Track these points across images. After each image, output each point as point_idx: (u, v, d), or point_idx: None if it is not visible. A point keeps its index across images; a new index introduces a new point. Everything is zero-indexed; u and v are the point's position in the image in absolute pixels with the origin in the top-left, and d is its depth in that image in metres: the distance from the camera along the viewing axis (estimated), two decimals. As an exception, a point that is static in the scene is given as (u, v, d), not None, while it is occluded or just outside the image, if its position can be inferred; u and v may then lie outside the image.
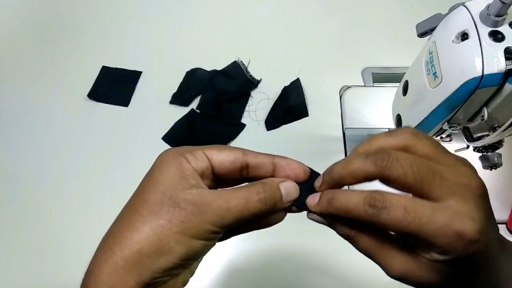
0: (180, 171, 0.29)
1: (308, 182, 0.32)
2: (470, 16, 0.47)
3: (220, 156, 0.31)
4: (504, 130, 0.49)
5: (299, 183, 0.32)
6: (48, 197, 0.72)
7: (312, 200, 0.31)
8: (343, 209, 0.29)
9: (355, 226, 0.31)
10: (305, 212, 0.33)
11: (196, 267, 0.33)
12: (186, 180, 0.29)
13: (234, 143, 0.75)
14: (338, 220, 0.31)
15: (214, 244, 0.31)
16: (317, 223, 0.33)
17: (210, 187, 0.31)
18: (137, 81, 0.83)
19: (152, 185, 0.30)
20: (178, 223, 0.28)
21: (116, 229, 0.29)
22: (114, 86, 0.83)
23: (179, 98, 0.80)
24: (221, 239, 0.32)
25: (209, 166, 0.31)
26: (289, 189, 0.31)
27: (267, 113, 0.78)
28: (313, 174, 0.32)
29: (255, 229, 0.33)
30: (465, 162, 0.29)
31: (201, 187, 0.30)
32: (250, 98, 0.80)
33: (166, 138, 0.76)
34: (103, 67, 0.85)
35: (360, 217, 0.28)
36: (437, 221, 0.26)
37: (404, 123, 0.65)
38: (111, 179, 0.73)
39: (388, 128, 0.73)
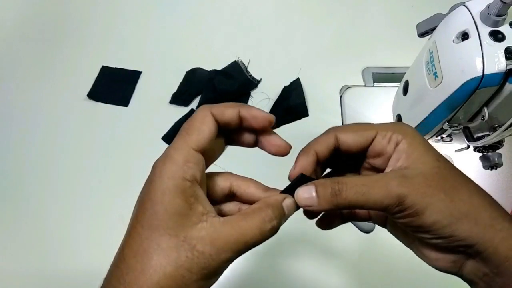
0: (183, 194, 0.28)
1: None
2: (471, 16, 0.47)
3: (202, 139, 0.30)
4: (505, 130, 0.49)
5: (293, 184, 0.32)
6: (48, 197, 0.72)
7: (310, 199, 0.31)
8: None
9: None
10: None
11: None
12: (191, 206, 0.28)
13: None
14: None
15: None
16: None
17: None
18: (137, 81, 0.83)
19: (160, 224, 0.28)
20: (199, 270, 0.27)
21: (132, 277, 0.27)
22: (114, 86, 0.83)
23: (179, 98, 0.80)
24: None
25: (203, 163, 0.31)
26: (290, 207, 0.32)
27: (267, 113, 0.78)
28: (306, 178, 0.32)
29: None
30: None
31: (208, 211, 0.29)
32: (250, 98, 0.80)
33: (166, 138, 0.76)
34: (103, 67, 0.85)
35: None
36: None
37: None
38: (111, 179, 0.73)
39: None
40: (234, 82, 0.81)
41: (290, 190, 0.32)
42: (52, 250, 0.67)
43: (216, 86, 0.80)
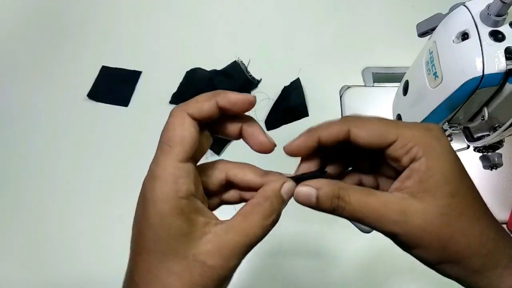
0: (182, 213, 0.27)
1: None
2: (471, 16, 0.47)
3: (187, 147, 0.29)
4: (505, 130, 0.49)
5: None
6: (48, 197, 0.72)
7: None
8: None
9: None
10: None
11: None
12: (193, 222, 0.28)
13: (234, 142, 0.75)
14: None
15: None
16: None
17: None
18: (137, 81, 0.83)
19: (167, 249, 0.27)
20: (213, 283, 0.27)
21: None
22: (114, 86, 0.83)
23: (179, 98, 0.80)
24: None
25: (194, 170, 0.29)
26: (290, 192, 0.31)
27: (267, 113, 0.78)
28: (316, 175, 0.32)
29: None
30: None
31: (209, 221, 0.29)
32: (250, 98, 0.80)
33: (166, 138, 0.76)
34: (103, 67, 0.85)
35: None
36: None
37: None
38: (111, 179, 0.73)
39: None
40: (234, 82, 0.81)
41: (294, 179, 0.32)
42: (52, 250, 0.67)
43: (216, 86, 0.80)
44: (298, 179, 0.31)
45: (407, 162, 0.29)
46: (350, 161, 0.35)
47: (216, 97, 0.29)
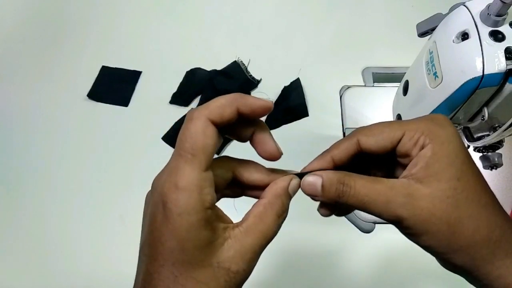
0: (208, 224, 0.27)
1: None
2: (471, 16, 0.47)
3: (210, 153, 0.28)
4: (505, 130, 0.49)
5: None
6: (48, 197, 0.72)
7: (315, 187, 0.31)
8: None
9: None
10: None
11: None
12: (215, 230, 0.28)
13: (234, 143, 0.75)
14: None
15: None
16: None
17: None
18: (137, 81, 0.83)
19: (192, 259, 0.27)
20: (236, 287, 0.28)
21: None
22: (114, 86, 0.83)
23: (179, 98, 0.80)
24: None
25: (212, 176, 0.29)
26: (296, 188, 0.32)
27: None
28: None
29: None
30: None
31: (227, 225, 0.29)
32: (250, 98, 0.80)
33: (166, 138, 0.76)
34: (103, 67, 0.85)
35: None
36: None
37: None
38: (111, 179, 0.73)
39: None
40: (234, 82, 0.81)
41: (299, 176, 0.32)
42: (52, 250, 0.68)
43: (216, 86, 0.80)
44: (303, 176, 0.32)
45: (416, 153, 0.29)
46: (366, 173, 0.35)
47: (237, 102, 0.28)
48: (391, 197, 0.28)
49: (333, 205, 0.33)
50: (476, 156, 0.61)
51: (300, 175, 0.32)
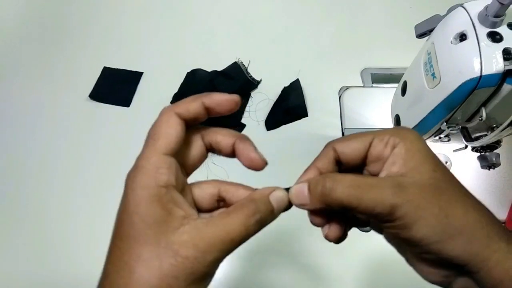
0: (159, 201, 0.27)
1: None
2: (469, 17, 0.47)
3: (171, 143, 0.30)
4: (502, 130, 0.49)
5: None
6: (49, 197, 0.72)
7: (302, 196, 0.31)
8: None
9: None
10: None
11: None
12: (170, 212, 0.27)
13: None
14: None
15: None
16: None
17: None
18: (138, 82, 0.84)
19: (139, 234, 0.27)
20: (186, 276, 0.26)
21: None
22: (116, 86, 0.83)
23: (180, 99, 0.79)
24: None
25: (177, 165, 0.30)
26: (279, 200, 0.31)
27: (267, 114, 0.79)
28: None
29: None
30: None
31: (189, 214, 0.28)
32: (250, 99, 0.81)
33: (167, 138, 0.76)
34: (105, 67, 0.85)
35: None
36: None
37: (402, 123, 0.65)
38: (112, 180, 0.73)
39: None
40: (234, 83, 0.81)
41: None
42: (52, 250, 0.68)
43: (217, 86, 0.80)
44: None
45: (388, 152, 0.30)
46: None
47: (202, 97, 0.31)
48: (382, 188, 0.28)
49: (324, 214, 0.32)
50: (474, 156, 0.61)
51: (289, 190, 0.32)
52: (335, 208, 0.29)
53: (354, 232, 0.34)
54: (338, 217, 0.32)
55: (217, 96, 0.31)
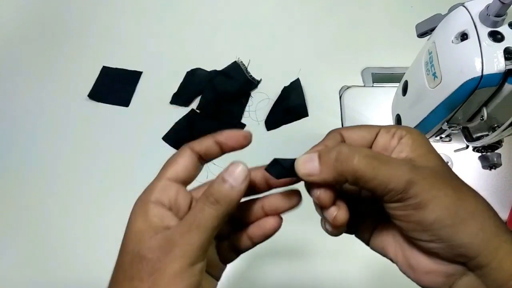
0: (146, 220, 0.29)
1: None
2: (470, 17, 0.47)
3: (178, 169, 0.31)
4: (504, 130, 0.49)
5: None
6: (48, 197, 0.72)
7: (311, 164, 0.29)
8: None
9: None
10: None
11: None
12: (152, 227, 0.28)
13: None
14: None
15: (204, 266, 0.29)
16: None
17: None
18: (137, 81, 0.83)
19: (124, 246, 0.29)
20: (148, 277, 0.27)
21: None
22: (115, 86, 0.83)
23: (179, 98, 0.80)
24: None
25: (178, 188, 0.31)
26: (234, 173, 0.29)
27: (267, 113, 0.78)
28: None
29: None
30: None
31: (168, 227, 0.29)
32: (250, 98, 0.80)
33: (166, 138, 0.76)
34: (104, 67, 0.85)
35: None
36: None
37: (403, 123, 0.65)
38: (111, 179, 0.73)
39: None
40: (234, 83, 0.81)
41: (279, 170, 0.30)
42: (52, 250, 0.68)
43: (216, 86, 0.80)
44: (277, 164, 0.30)
45: (395, 143, 0.30)
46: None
47: (215, 134, 0.32)
48: (398, 163, 0.27)
49: (332, 190, 0.29)
50: (475, 156, 0.61)
51: (286, 162, 0.30)
52: (343, 181, 0.28)
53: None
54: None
55: (229, 132, 0.32)
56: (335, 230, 0.31)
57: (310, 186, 0.30)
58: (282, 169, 0.30)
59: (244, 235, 0.33)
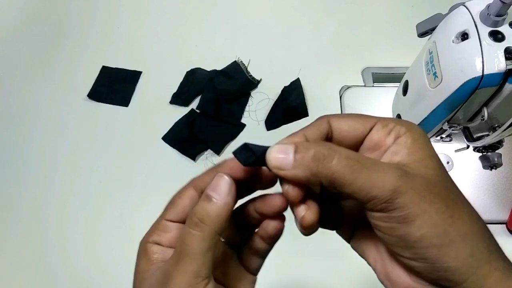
0: (148, 259, 0.29)
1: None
2: (470, 16, 0.47)
3: (177, 211, 0.30)
4: (504, 130, 0.49)
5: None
6: (48, 196, 0.72)
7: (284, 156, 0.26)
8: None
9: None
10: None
11: None
12: (154, 264, 0.28)
13: (234, 143, 0.75)
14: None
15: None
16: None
17: None
18: (137, 81, 0.83)
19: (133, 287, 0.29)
20: None
21: None
22: (114, 86, 0.83)
23: (179, 98, 0.80)
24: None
25: (180, 227, 0.29)
26: (217, 187, 0.27)
27: (267, 113, 0.78)
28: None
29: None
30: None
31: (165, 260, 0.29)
32: (250, 98, 0.80)
33: (166, 138, 0.76)
34: (103, 67, 0.85)
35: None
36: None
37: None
38: (111, 179, 0.73)
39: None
40: (234, 82, 0.81)
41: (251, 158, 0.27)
42: (52, 250, 0.68)
43: (216, 86, 0.80)
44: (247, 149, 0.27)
45: (391, 141, 0.27)
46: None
47: (216, 166, 0.30)
48: (385, 169, 0.24)
49: (303, 187, 0.27)
50: (475, 156, 0.61)
51: (258, 149, 0.27)
52: (315, 183, 0.25)
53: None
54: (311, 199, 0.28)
55: (229, 162, 0.28)
56: (303, 230, 0.28)
57: (280, 178, 0.27)
58: (252, 155, 0.27)
59: (257, 237, 0.32)
